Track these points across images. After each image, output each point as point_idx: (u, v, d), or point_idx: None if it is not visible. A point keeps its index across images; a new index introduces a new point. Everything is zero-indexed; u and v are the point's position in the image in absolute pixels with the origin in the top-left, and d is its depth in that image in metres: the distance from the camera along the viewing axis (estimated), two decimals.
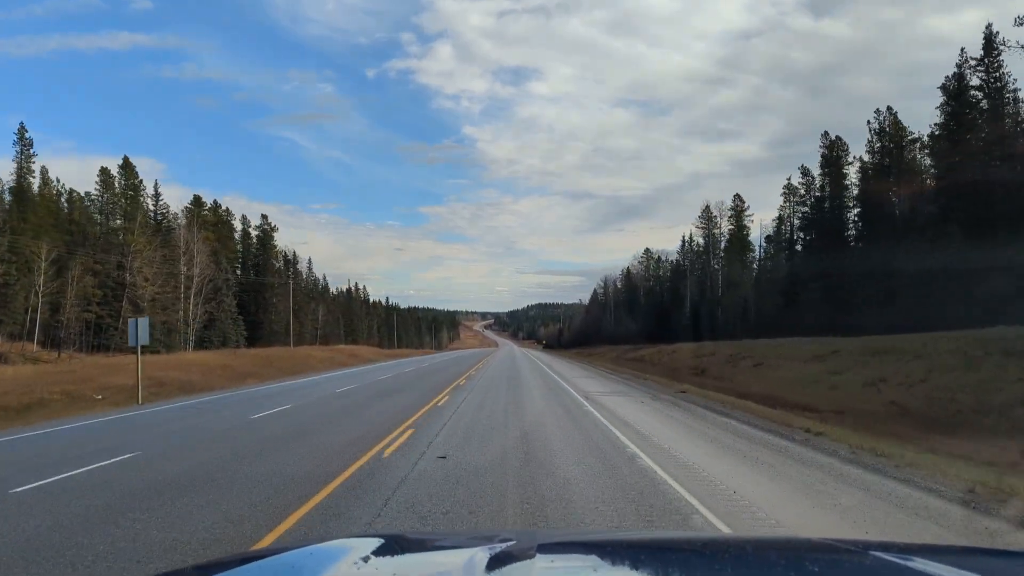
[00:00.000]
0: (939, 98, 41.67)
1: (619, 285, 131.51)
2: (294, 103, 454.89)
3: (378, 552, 1.81)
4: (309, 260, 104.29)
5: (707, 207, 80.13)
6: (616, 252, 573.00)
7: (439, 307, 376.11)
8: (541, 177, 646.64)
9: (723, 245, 78.11)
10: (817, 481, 8.16)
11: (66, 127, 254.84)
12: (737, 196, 73.43)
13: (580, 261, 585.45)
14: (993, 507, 6.64)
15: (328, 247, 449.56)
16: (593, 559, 1.76)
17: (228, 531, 6.07)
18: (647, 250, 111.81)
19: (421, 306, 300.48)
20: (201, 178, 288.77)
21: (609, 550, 1.93)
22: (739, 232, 73.24)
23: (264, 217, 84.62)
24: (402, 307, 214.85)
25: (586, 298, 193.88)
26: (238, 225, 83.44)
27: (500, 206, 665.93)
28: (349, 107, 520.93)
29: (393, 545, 2.01)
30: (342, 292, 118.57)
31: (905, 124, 48.18)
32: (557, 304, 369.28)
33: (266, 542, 5.73)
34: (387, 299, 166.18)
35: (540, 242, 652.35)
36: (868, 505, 6.95)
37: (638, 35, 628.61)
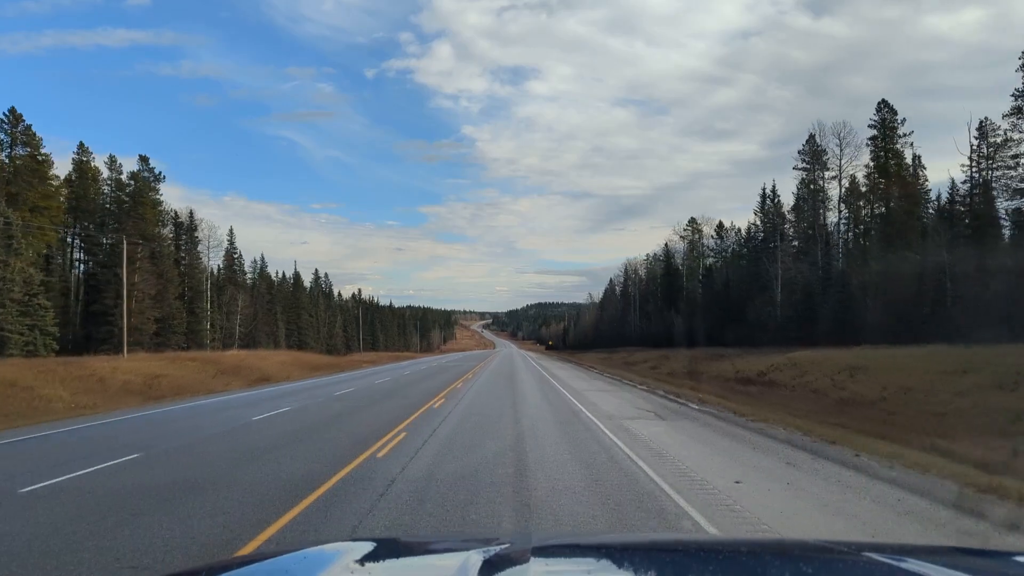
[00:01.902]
0: None
1: (642, 273, 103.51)
2: (293, 102, 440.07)
3: (371, 556, 1.73)
4: (231, 231, 76.14)
5: (811, 136, 51.95)
6: (616, 252, 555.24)
7: (438, 307, 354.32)
8: (540, 177, 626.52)
9: (842, 194, 50.22)
10: None
11: (65, 126, 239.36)
12: (883, 104, 44.70)
13: (580, 261, 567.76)
14: None
15: (328, 247, 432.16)
16: (589, 562, 1.73)
17: None
18: (692, 220, 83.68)
19: (421, 305, 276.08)
20: (201, 178, 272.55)
21: (605, 553, 1.84)
22: (887, 164, 44.58)
23: (144, 160, 56.62)
24: (398, 305, 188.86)
25: (585, 297, 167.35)
26: (105, 171, 55.78)
27: (499, 206, 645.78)
28: (348, 107, 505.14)
29: (387, 548, 1.95)
30: (287, 279, 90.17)
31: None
32: (557, 303, 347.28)
33: None
34: (359, 292, 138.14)
35: (539, 242, 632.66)
36: None
37: (637, 34, 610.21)
